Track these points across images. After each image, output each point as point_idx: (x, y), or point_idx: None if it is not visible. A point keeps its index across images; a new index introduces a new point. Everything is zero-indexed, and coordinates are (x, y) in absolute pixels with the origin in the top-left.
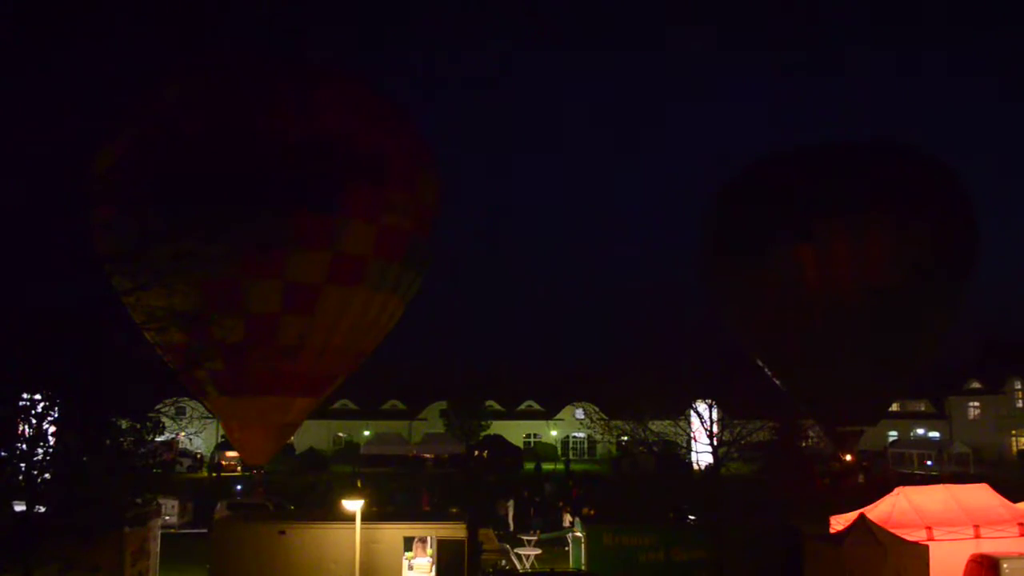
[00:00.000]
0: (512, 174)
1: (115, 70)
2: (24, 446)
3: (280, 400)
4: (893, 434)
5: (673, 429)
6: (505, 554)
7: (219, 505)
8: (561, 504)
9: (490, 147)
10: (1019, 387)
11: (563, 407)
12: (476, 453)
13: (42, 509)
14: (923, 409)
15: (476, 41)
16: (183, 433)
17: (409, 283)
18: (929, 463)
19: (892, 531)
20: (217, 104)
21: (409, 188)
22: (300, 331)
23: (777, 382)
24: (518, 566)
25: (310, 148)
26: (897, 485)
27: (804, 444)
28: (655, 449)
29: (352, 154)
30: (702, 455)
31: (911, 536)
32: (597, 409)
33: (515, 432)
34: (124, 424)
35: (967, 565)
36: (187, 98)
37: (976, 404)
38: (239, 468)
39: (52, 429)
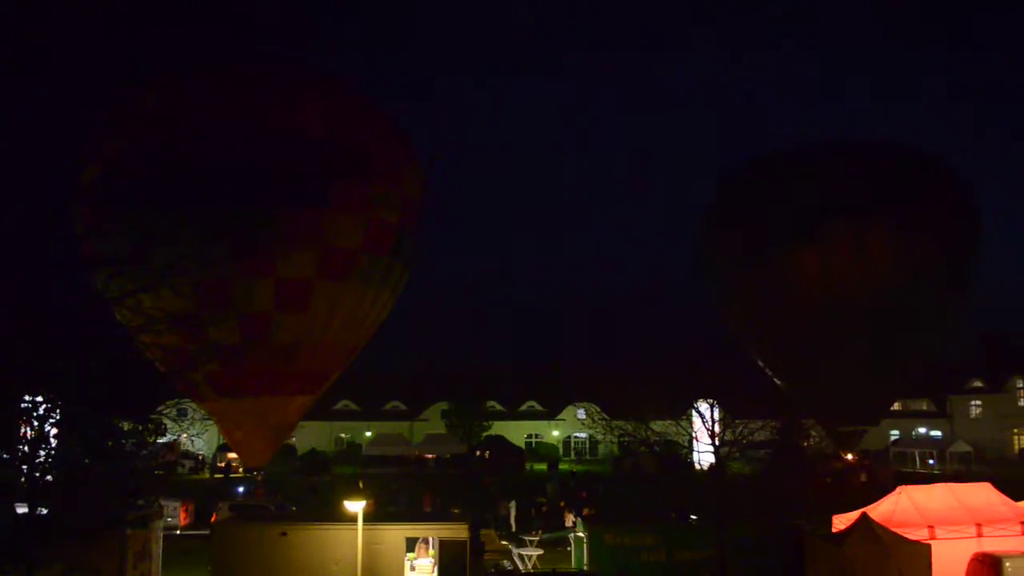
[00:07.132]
0: (511, 173)
1: (105, 73)
2: (26, 448)
3: (278, 400)
4: (895, 433)
5: (675, 429)
6: (507, 554)
7: (221, 506)
8: (563, 504)
9: (490, 146)
10: (1021, 386)
11: (564, 407)
12: (478, 454)
13: (44, 511)
14: (925, 408)
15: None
16: (185, 435)
17: (399, 276)
18: (931, 462)
19: (894, 530)
20: (203, 104)
21: (393, 180)
22: (294, 328)
23: (777, 382)
24: (520, 566)
25: (295, 144)
26: (899, 484)
27: (806, 443)
28: (657, 449)
29: (337, 148)
30: (704, 455)
31: (913, 535)
32: (598, 409)
33: (516, 432)
34: (126, 426)
35: (969, 564)
36: (173, 99)
37: (978, 403)
38: (241, 469)
39: (54, 431)
